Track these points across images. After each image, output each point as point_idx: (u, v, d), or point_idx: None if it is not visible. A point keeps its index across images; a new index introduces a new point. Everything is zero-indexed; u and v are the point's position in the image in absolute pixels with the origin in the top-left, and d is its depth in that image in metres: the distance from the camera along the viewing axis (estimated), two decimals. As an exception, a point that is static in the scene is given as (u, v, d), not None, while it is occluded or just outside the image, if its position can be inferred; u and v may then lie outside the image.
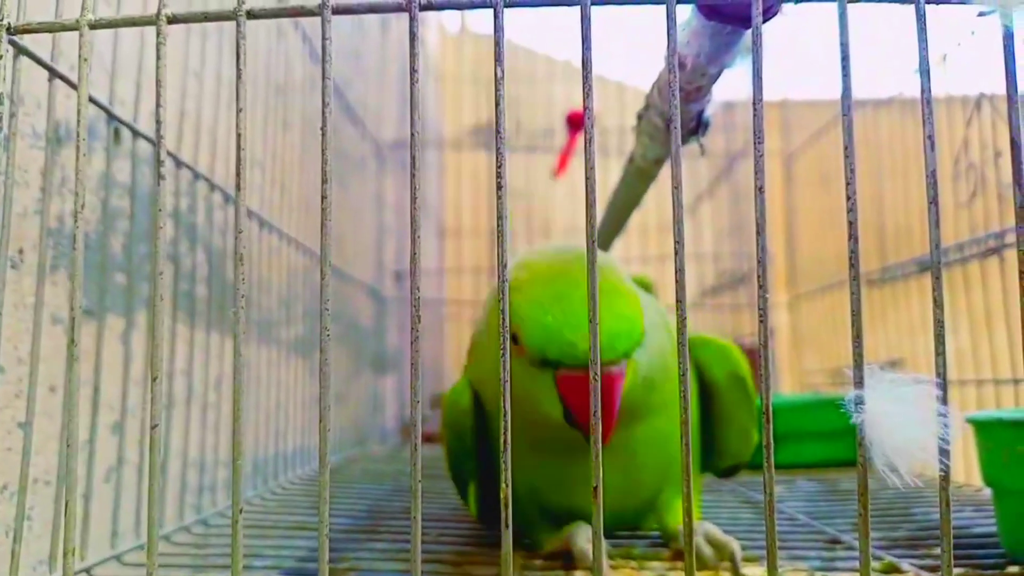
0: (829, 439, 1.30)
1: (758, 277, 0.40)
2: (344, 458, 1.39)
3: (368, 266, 1.68)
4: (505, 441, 0.40)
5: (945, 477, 0.40)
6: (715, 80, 0.59)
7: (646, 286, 1.95)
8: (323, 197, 0.40)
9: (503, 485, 0.39)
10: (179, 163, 0.79)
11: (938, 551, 0.74)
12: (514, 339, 0.53)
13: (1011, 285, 1.05)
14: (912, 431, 0.39)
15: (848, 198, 0.41)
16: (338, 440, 1.42)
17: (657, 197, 1.91)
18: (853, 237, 0.41)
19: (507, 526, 0.39)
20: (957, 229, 1.16)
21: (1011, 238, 1.04)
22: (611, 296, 0.53)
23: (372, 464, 1.33)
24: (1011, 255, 1.05)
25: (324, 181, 0.41)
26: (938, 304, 0.41)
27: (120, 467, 0.70)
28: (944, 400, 0.39)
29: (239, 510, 0.39)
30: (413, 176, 0.41)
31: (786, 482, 1.14)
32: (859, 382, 0.40)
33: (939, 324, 0.41)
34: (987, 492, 0.98)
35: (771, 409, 0.41)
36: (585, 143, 0.41)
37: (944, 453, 0.39)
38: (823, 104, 1.78)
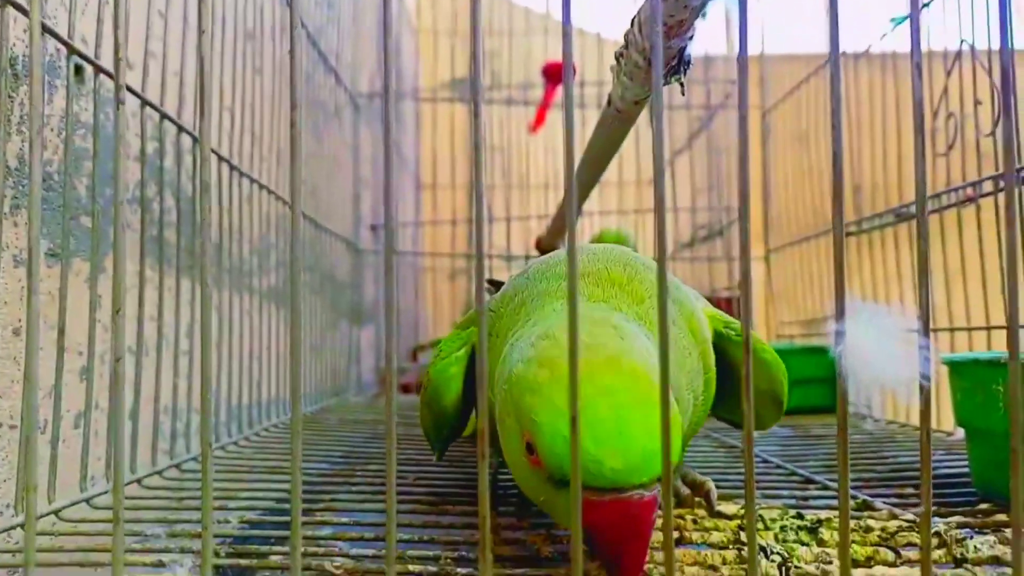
0: (803, 387, 1.32)
1: (740, 207, 0.40)
2: (321, 408, 1.38)
3: (345, 219, 1.65)
4: (480, 372, 0.39)
5: (926, 408, 0.39)
6: (698, 14, 0.57)
7: (621, 240, 1.94)
8: (292, 124, 0.39)
9: (478, 417, 0.39)
10: (144, 102, 0.76)
11: (910, 491, 0.75)
12: (529, 449, 0.46)
13: (987, 233, 1.06)
14: (891, 363, 0.38)
15: (833, 111, 0.40)
16: (315, 390, 1.41)
17: (635, 152, 1.91)
18: (837, 168, 0.40)
19: (483, 456, 0.38)
20: (934, 180, 1.16)
21: (988, 187, 1.04)
22: (648, 408, 0.44)
23: (350, 413, 1.33)
24: (987, 204, 1.05)
25: (293, 107, 0.39)
26: (921, 235, 0.40)
27: (89, 412, 0.68)
28: (926, 333, 0.39)
29: (208, 444, 0.38)
30: (387, 106, 0.39)
31: (761, 428, 1.15)
32: (840, 314, 0.39)
33: (923, 257, 0.40)
34: (957, 436, 1.00)
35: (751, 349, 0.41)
36: (565, 85, 0.40)
37: (923, 387, 0.39)
38: (801, 58, 1.77)
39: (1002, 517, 0.64)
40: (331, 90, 1.53)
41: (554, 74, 1.77)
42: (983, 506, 0.69)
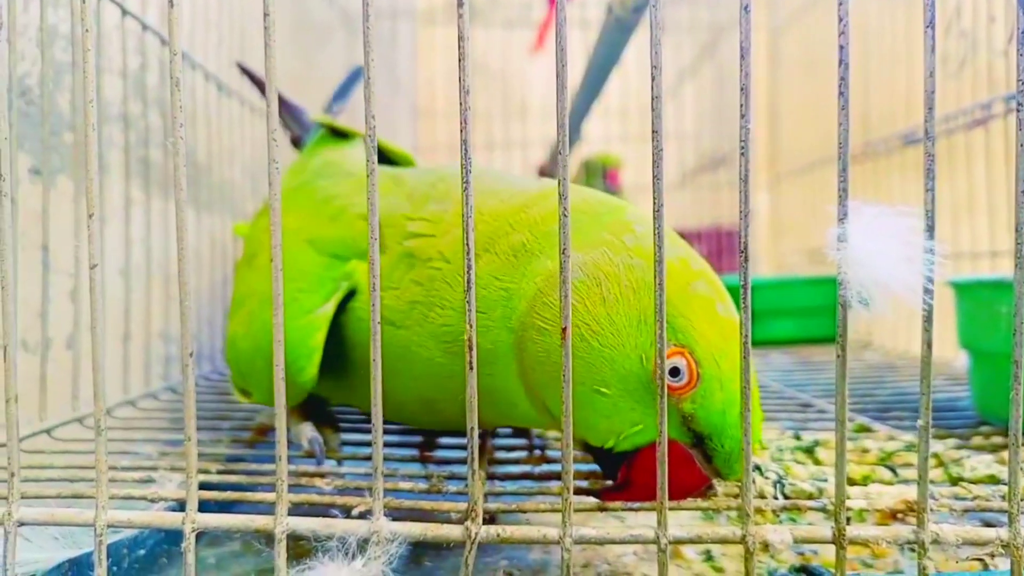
0: (805, 317, 1.31)
1: (741, 80, 0.38)
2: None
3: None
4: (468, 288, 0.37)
5: (928, 316, 0.38)
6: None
7: (613, 163, 1.90)
8: (265, 15, 0.37)
9: (470, 326, 0.37)
10: (124, 12, 0.73)
11: (909, 416, 0.74)
12: (673, 372, 0.43)
13: (995, 157, 1.03)
14: (895, 267, 0.37)
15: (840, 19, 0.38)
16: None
17: (641, 81, 1.85)
18: (843, 63, 0.38)
19: (471, 368, 0.37)
20: (943, 101, 1.13)
21: (998, 108, 1.01)
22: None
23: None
24: (996, 126, 1.02)
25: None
26: (928, 136, 0.38)
27: (78, 333, 0.67)
28: (931, 235, 0.37)
29: (189, 353, 0.37)
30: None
31: (761, 355, 1.14)
32: (842, 217, 0.38)
33: (930, 158, 0.38)
34: (959, 363, 0.99)
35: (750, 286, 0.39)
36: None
37: (928, 290, 0.37)
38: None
39: (999, 439, 0.64)
40: (323, 8, 1.48)
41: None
42: (982, 429, 0.68)
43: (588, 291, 0.44)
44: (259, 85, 0.97)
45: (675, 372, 0.43)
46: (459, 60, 0.37)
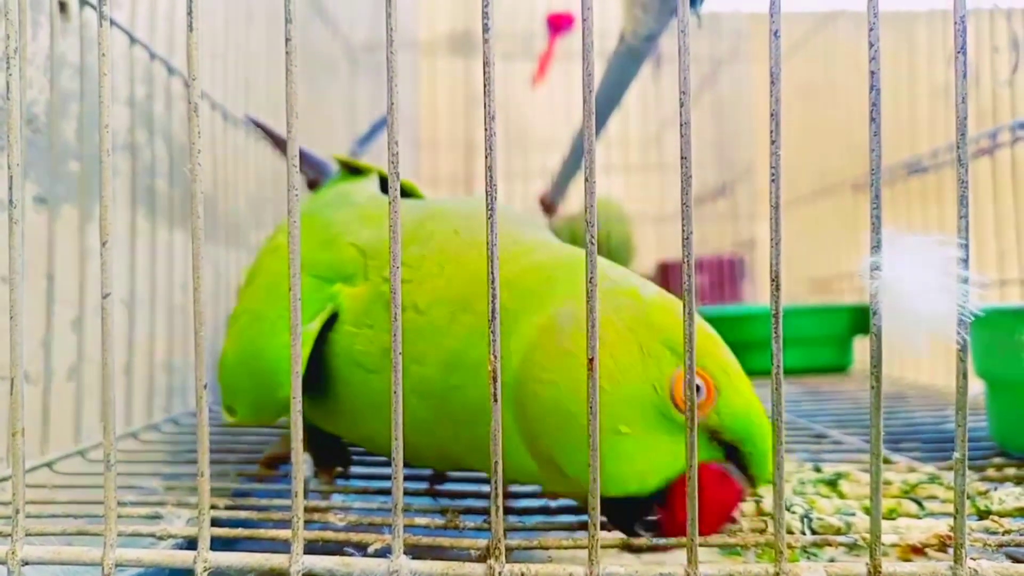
0: (810, 347, 1.30)
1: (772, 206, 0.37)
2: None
3: (341, 176, 1.61)
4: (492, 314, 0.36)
5: (963, 348, 0.37)
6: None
7: (616, 216, 1.86)
8: (287, 39, 0.36)
9: (493, 356, 0.36)
10: (133, 39, 0.73)
11: (924, 447, 0.73)
12: (699, 390, 0.43)
13: (1002, 186, 1.03)
14: (932, 298, 0.36)
15: (871, 37, 0.37)
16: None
17: (641, 111, 1.86)
18: (875, 88, 0.37)
19: (496, 399, 0.36)
20: (948, 131, 1.13)
21: (1004, 137, 1.02)
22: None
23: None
24: (1003, 155, 1.03)
25: (288, 21, 0.36)
26: (962, 163, 0.38)
27: (81, 364, 0.66)
28: (967, 264, 0.36)
29: (203, 385, 0.35)
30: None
31: (766, 385, 1.13)
32: (876, 246, 0.37)
33: (963, 184, 0.38)
34: (972, 393, 0.98)
35: (781, 316, 0.38)
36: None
37: (963, 324, 0.37)
38: (804, 16, 1.73)
39: (1012, 471, 0.63)
40: (327, 40, 1.49)
41: (558, 25, 1.72)
42: (996, 460, 0.67)
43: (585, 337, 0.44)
44: (271, 136, 0.95)
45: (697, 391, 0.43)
46: (484, 85, 0.36)
